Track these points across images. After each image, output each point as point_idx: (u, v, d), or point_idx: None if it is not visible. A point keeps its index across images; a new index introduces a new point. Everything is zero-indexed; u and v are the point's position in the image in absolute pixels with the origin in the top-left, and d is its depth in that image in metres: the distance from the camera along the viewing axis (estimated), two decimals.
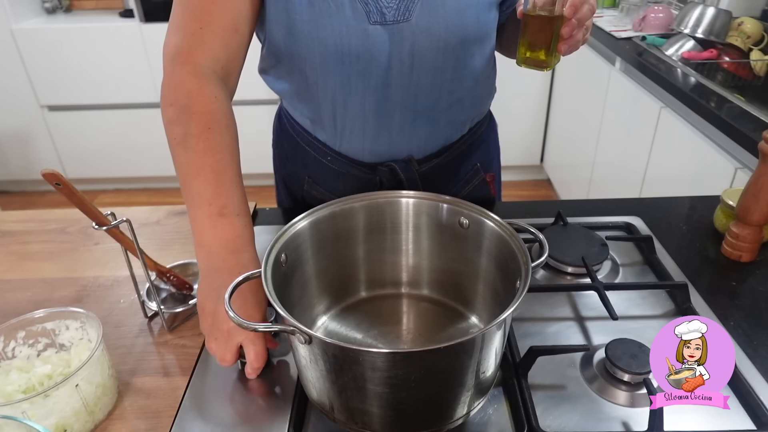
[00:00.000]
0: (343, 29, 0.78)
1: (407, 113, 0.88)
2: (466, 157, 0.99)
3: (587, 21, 0.77)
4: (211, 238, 0.69)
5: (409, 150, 0.92)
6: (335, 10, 0.77)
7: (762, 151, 0.79)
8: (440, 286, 0.76)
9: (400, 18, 0.79)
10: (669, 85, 1.69)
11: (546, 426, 0.60)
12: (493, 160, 1.07)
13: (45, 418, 0.58)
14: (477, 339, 0.52)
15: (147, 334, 0.76)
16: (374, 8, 0.78)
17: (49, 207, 1.32)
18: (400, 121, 0.88)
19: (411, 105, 0.87)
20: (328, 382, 0.55)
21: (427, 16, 0.79)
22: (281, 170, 1.07)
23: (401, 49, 0.81)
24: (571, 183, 2.68)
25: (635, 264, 0.87)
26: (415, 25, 0.79)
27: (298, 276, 0.68)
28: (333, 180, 0.97)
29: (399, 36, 0.80)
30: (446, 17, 0.80)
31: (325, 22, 0.78)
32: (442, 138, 0.94)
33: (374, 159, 0.93)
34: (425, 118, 0.89)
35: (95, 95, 2.85)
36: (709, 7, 1.91)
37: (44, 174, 0.61)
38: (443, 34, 0.81)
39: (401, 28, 0.79)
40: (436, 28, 0.80)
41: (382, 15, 0.78)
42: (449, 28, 0.81)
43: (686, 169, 1.64)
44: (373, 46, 0.80)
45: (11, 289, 0.86)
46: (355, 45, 0.80)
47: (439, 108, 0.89)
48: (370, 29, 0.79)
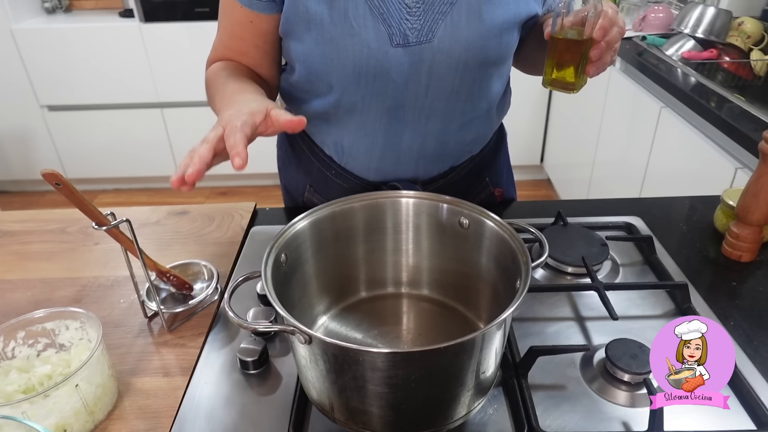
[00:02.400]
0: (364, 50, 0.77)
1: (417, 135, 0.87)
2: (474, 175, 0.98)
3: (616, 43, 0.74)
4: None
5: (415, 171, 0.91)
6: (357, 31, 0.76)
7: (762, 151, 0.79)
8: (440, 286, 0.76)
9: (423, 39, 0.78)
10: (669, 85, 1.69)
11: (546, 426, 0.60)
12: (503, 173, 1.05)
13: (45, 418, 0.58)
14: (477, 339, 0.52)
15: (147, 334, 0.76)
16: (398, 31, 0.77)
17: (49, 207, 1.32)
18: (409, 142, 0.87)
19: (422, 127, 0.86)
20: (328, 382, 0.55)
21: (449, 38, 0.78)
22: (284, 173, 1.06)
23: (419, 70, 0.80)
24: (571, 183, 2.68)
25: (635, 264, 0.87)
26: (437, 46, 0.78)
27: (298, 276, 0.68)
28: (336, 193, 0.95)
29: (419, 57, 0.79)
30: (469, 39, 0.78)
31: (347, 42, 0.77)
32: (450, 160, 0.93)
33: (379, 178, 0.92)
34: (434, 140, 0.88)
35: (95, 95, 2.85)
36: (709, 7, 1.91)
37: (44, 174, 0.60)
38: (463, 55, 0.79)
39: (422, 49, 0.78)
40: (457, 50, 0.79)
41: (405, 37, 0.77)
42: (470, 50, 0.79)
43: (686, 169, 1.64)
44: (391, 67, 0.79)
45: (11, 289, 0.86)
46: (374, 66, 0.79)
47: (450, 130, 0.88)
48: (391, 51, 0.78)
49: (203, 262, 0.84)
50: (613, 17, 0.73)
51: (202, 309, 0.80)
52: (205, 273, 0.84)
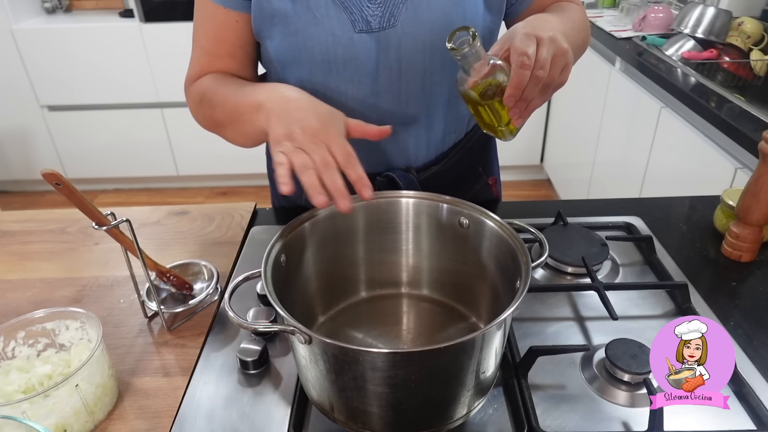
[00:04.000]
0: (329, 38, 0.79)
1: (399, 120, 0.87)
2: (465, 162, 0.98)
3: (542, 99, 0.66)
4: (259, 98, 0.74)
5: (405, 158, 0.92)
6: (320, 20, 0.78)
7: (762, 151, 0.79)
8: (440, 286, 0.76)
9: (385, 25, 0.79)
10: (669, 85, 1.69)
11: (546, 426, 0.60)
12: (493, 162, 1.07)
13: (45, 418, 0.58)
14: (477, 339, 0.52)
15: (147, 334, 0.76)
16: (359, 17, 0.78)
17: (49, 207, 1.32)
18: (394, 128, 0.88)
19: (402, 112, 0.86)
20: (328, 382, 0.55)
21: (413, 20, 0.79)
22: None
23: (388, 56, 0.81)
24: (571, 183, 2.68)
25: (635, 264, 0.87)
26: (401, 30, 0.79)
27: (298, 276, 0.68)
28: None
29: (385, 42, 0.80)
30: (432, 20, 0.79)
31: (311, 32, 0.79)
32: (439, 144, 0.93)
33: (371, 168, 0.91)
34: (418, 125, 0.89)
35: (95, 95, 2.85)
36: (709, 7, 1.91)
37: (44, 174, 0.60)
38: (429, 36, 0.80)
39: (387, 34, 0.79)
40: (421, 32, 0.79)
41: (367, 23, 0.79)
42: (435, 30, 0.80)
43: (686, 169, 1.64)
44: (359, 53, 0.80)
45: (11, 289, 0.86)
46: (342, 53, 0.80)
47: (432, 113, 0.88)
48: (356, 37, 0.79)
49: (203, 262, 0.84)
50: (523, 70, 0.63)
51: (202, 309, 0.80)
52: (205, 273, 0.84)
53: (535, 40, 0.64)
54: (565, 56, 0.65)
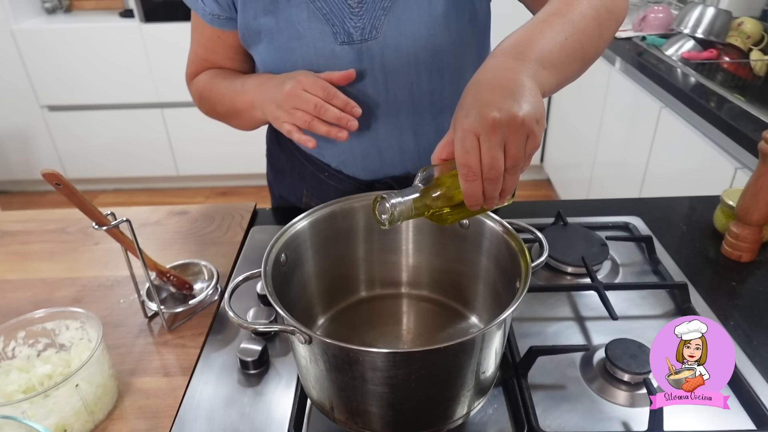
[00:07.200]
0: (310, 51, 0.80)
1: (392, 129, 0.87)
2: None
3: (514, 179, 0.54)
4: (250, 96, 0.85)
5: (403, 165, 0.91)
6: (303, 34, 0.79)
7: (762, 151, 0.79)
8: (440, 286, 0.76)
9: (367, 37, 0.79)
10: (669, 85, 1.69)
11: (546, 426, 0.60)
12: None
13: (45, 418, 0.58)
14: (477, 339, 0.52)
15: (147, 334, 0.76)
16: (341, 29, 0.78)
17: (49, 207, 1.32)
18: (387, 137, 0.87)
19: (394, 121, 0.86)
20: (328, 382, 0.55)
21: (395, 32, 0.79)
22: (277, 185, 1.06)
23: (372, 66, 0.81)
24: (571, 183, 2.68)
25: (635, 264, 0.87)
26: (383, 42, 0.79)
27: (298, 276, 0.68)
28: (332, 195, 0.92)
29: (368, 54, 0.80)
30: (415, 32, 0.79)
31: (294, 45, 0.80)
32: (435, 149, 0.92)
33: (370, 176, 0.92)
34: (412, 133, 0.88)
35: (95, 95, 2.85)
36: (709, 7, 1.92)
37: (44, 174, 0.60)
38: (412, 48, 0.80)
39: (369, 46, 0.79)
40: (404, 44, 0.79)
41: (349, 35, 0.79)
42: (418, 42, 0.79)
43: (686, 169, 1.64)
44: (342, 65, 0.80)
45: (11, 289, 0.86)
46: (324, 65, 0.80)
47: (424, 121, 0.87)
48: (338, 49, 0.80)
49: (203, 262, 0.84)
50: (470, 183, 0.52)
51: (202, 309, 0.80)
52: (205, 273, 0.84)
53: (474, 138, 0.51)
54: (523, 128, 0.51)
